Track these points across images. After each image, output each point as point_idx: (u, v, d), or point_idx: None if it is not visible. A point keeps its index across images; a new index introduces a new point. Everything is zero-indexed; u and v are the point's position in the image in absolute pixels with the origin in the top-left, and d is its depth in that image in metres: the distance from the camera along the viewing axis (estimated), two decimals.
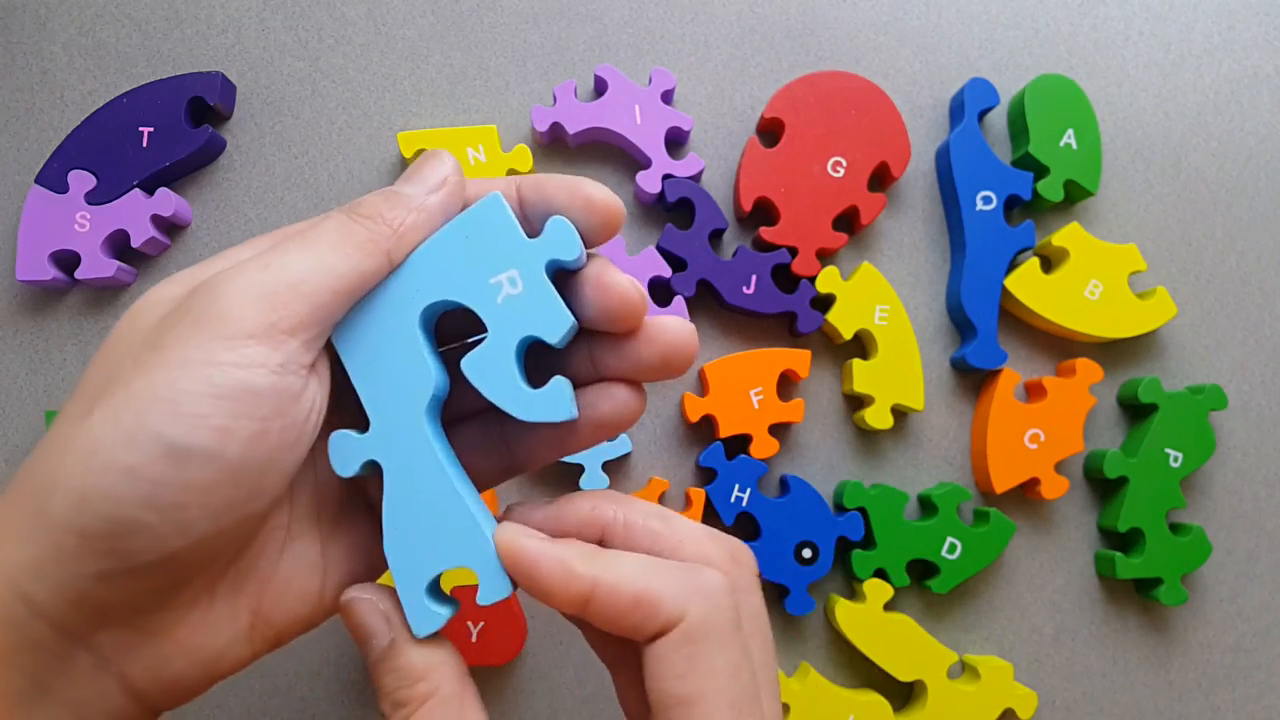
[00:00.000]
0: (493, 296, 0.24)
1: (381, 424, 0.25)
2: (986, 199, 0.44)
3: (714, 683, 0.22)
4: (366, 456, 0.25)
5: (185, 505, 0.21)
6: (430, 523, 0.24)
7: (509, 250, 0.24)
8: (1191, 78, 0.48)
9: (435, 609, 0.24)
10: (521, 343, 0.24)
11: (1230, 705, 0.46)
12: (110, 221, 0.42)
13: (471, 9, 0.46)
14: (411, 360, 0.25)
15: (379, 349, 0.25)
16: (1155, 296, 0.45)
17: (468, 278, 0.24)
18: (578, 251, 0.24)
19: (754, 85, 0.46)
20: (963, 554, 0.43)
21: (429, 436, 0.25)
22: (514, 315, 0.24)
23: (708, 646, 0.22)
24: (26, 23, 0.45)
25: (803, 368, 0.44)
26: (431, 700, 0.24)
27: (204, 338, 0.21)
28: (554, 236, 0.24)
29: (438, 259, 0.24)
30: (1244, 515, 0.47)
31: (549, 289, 0.24)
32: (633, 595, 0.23)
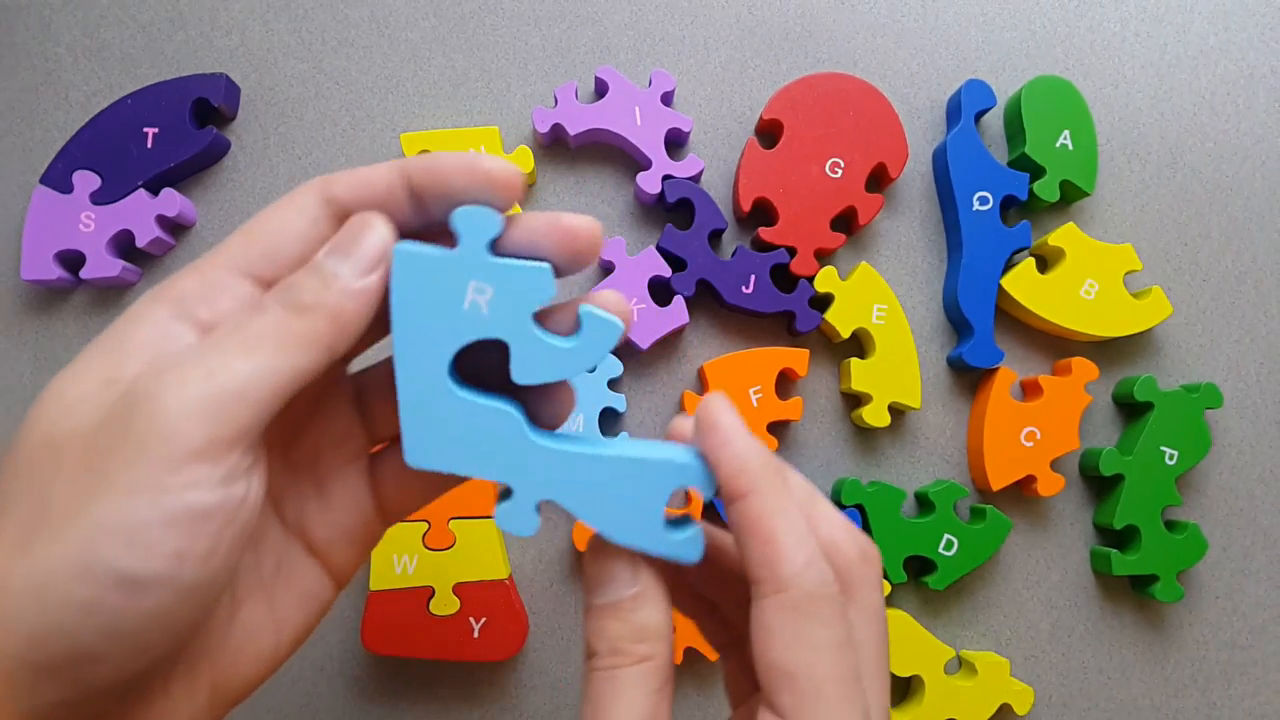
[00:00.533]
0: (479, 314, 0.24)
1: (516, 477, 0.25)
2: (983, 199, 0.45)
3: (819, 657, 0.22)
4: (533, 505, 0.25)
5: (144, 630, 0.20)
6: (619, 491, 0.25)
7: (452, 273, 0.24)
8: (1187, 79, 0.48)
9: (683, 535, 0.25)
10: (531, 319, 0.24)
11: (1226, 701, 0.46)
12: (115, 221, 0.43)
13: (473, 11, 0.46)
14: (484, 417, 0.25)
15: (455, 436, 0.25)
16: (1150, 296, 0.45)
17: (451, 323, 0.24)
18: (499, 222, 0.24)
19: (753, 87, 0.47)
20: (959, 551, 0.44)
21: (552, 450, 0.25)
22: (507, 308, 0.24)
23: (813, 621, 0.22)
24: (31, 24, 0.46)
25: (801, 366, 0.44)
26: (647, 664, 0.24)
27: (149, 462, 0.20)
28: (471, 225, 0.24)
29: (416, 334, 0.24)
30: (1239, 512, 0.47)
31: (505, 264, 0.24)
32: (769, 531, 0.23)
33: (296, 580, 0.26)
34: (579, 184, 0.46)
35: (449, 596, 0.42)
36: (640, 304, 0.43)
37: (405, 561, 0.42)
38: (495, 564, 0.43)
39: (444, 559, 0.42)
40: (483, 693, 0.44)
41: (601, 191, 0.46)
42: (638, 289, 0.43)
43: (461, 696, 0.44)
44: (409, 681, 0.44)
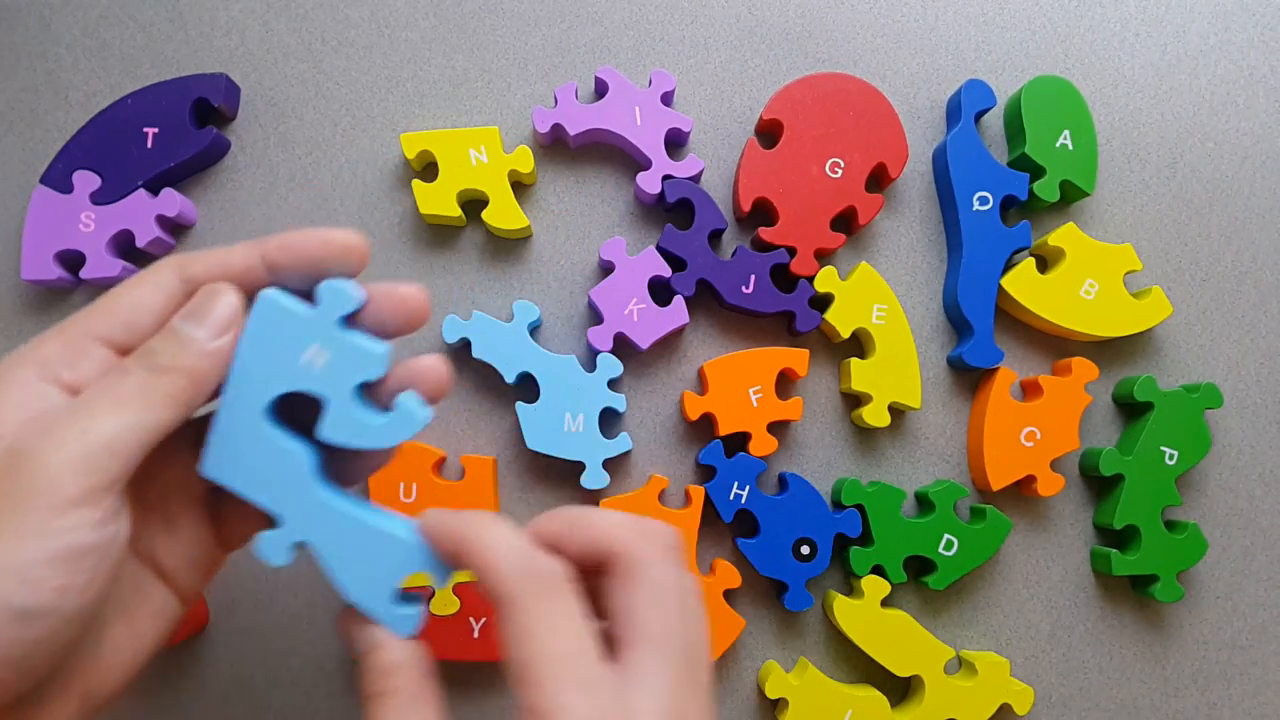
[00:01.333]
0: (310, 371, 0.27)
1: (287, 513, 0.28)
2: (983, 199, 0.45)
3: (535, 644, 0.25)
4: (292, 541, 0.28)
5: (31, 656, 0.23)
6: (365, 556, 0.29)
7: (301, 330, 0.27)
8: (1187, 79, 0.48)
9: (405, 611, 0.28)
10: (354, 390, 0.28)
11: (1226, 701, 0.46)
12: (115, 221, 0.43)
13: (473, 11, 0.46)
14: (279, 453, 0.28)
15: (249, 462, 0.28)
16: (1150, 296, 0.45)
17: (284, 369, 0.28)
18: (358, 299, 0.28)
19: (753, 87, 0.47)
20: (959, 551, 0.44)
21: (325, 500, 0.28)
22: (336, 375, 0.28)
23: (524, 610, 0.25)
24: (31, 24, 0.46)
25: (801, 366, 0.44)
26: (395, 695, 0.27)
27: (35, 509, 0.23)
28: (331, 298, 0.27)
29: (251, 369, 0.28)
30: (1239, 512, 0.47)
31: (349, 339, 0.27)
32: (477, 550, 0.27)
33: (149, 601, 0.29)
34: (579, 184, 0.46)
35: (449, 596, 0.42)
36: (640, 304, 0.43)
37: None
38: None
39: None
40: (483, 693, 0.44)
41: (601, 191, 0.46)
42: (638, 289, 0.43)
43: (462, 696, 0.44)
44: None
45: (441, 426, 0.45)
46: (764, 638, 0.45)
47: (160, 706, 0.43)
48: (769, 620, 0.45)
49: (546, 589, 0.26)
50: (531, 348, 0.43)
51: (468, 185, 0.44)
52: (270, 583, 0.44)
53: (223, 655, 0.44)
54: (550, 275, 0.46)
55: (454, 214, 0.44)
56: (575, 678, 0.25)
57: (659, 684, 0.26)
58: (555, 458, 0.44)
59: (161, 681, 0.43)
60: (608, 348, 0.43)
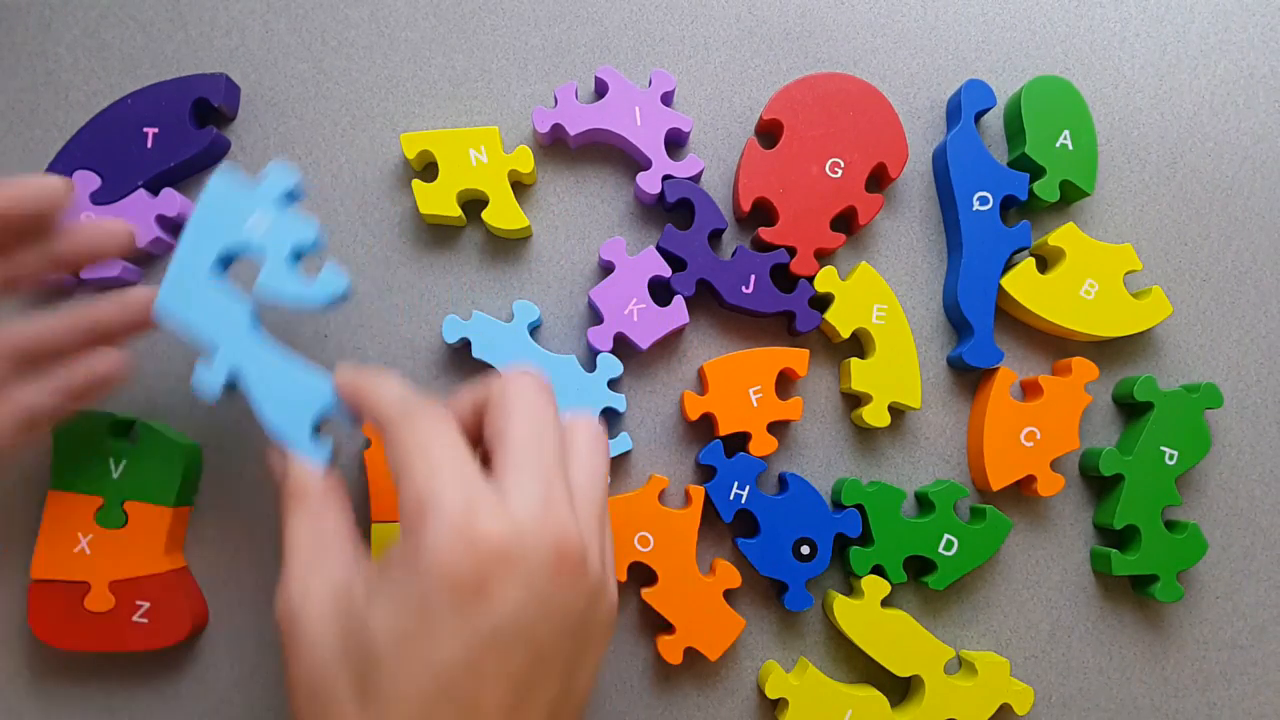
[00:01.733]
0: (253, 235, 0.35)
1: (224, 346, 0.35)
2: (983, 199, 0.45)
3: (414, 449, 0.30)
4: (225, 370, 0.35)
5: None
6: (287, 393, 0.35)
7: (247, 201, 0.35)
8: (1187, 79, 0.48)
9: (319, 445, 0.35)
10: (291, 253, 0.35)
11: (1226, 701, 0.46)
12: None
13: (473, 11, 0.46)
14: (223, 299, 0.35)
15: (197, 304, 0.35)
16: (1151, 296, 0.45)
17: (230, 231, 0.35)
18: (295, 179, 0.35)
19: (753, 87, 0.47)
20: (959, 551, 0.44)
21: (259, 342, 0.35)
22: (274, 239, 0.35)
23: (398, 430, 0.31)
24: (31, 24, 0.46)
25: (801, 366, 0.44)
26: (305, 501, 0.33)
27: None
28: (275, 176, 0.35)
29: (203, 230, 0.35)
30: (1239, 513, 0.47)
31: (286, 212, 0.35)
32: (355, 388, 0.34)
33: None
34: (579, 184, 0.46)
35: None
36: (640, 304, 0.43)
37: None
38: None
39: None
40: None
41: (601, 191, 0.46)
42: (638, 289, 0.43)
43: None
44: None
45: None
46: (764, 638, 0.45)
47: (160, 706, 0.43)
48: (769, 620, 0.45)
49: (424, 413, 0.31)
50: (532, 348, 0.43)
51: (468, 185, 0.44)
52: (270, 583, 0.44)
53: (223, 655, 0.44)
54: (550, 275, 0.46)
55: (454, 214, 0.44)
56: (450, 472, 0.29)
57: (530, 482, 0.29)
58: None
59: (162, 681, 0.43)
60: (608, 348, 0.43)
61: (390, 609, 0.29)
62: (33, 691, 0.43)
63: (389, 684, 0.28)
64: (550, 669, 0.29)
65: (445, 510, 0.28)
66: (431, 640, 0.28)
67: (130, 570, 0.41)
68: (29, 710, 0.43)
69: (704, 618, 0.43)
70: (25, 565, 0.43)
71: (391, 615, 0.28)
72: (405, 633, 0.28)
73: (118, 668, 0.43)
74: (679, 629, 0.43)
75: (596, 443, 0.34)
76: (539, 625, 0.28)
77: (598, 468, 0.33)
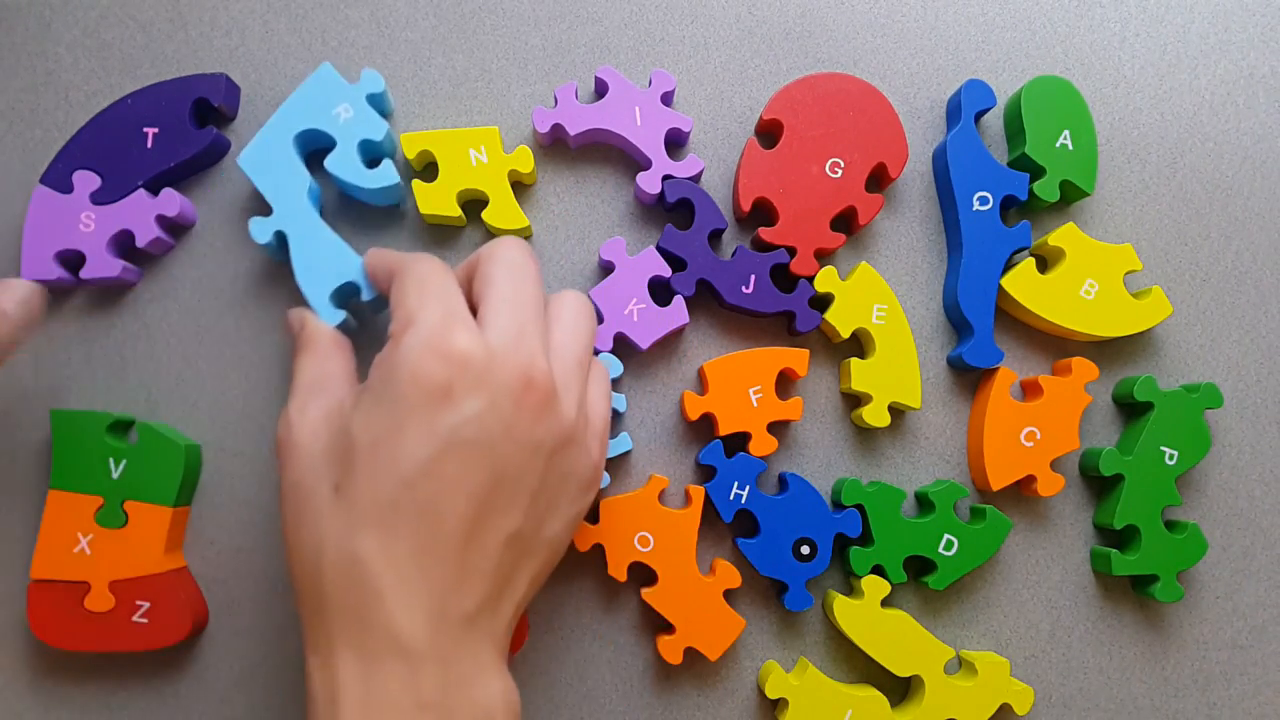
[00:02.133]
0: (336, 120, 0.41)
1: (280, 208, 0.41)
2: (983, 199, 0.45)
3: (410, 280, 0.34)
4: (275, 228, 0.41)
5: None
6: (321, 260, 0.41)
7: (341, 93, 0.42)
8: (1187, 79, 0.48)
9: (335, 311, 0.41)
10: (360, 144, 0.41)
11: (1226, 702, 0.46)
12: (115, 221, 0.43)
13: (473, 11, 0.46)
14: (294, 169, 0.41)
15: (273, 167, 0.41)
16: (1151, 296, 0.45)
17: (319, 114, 0.41)
18: (383, 86, 0.43)
19: (753, 87, 0.47)
20: (959, 551, 0.44)
21: (311, 211, 0.41)
22: (351, 128, 0.41)
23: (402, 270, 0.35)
24: (30, 23, 0.46)
25: (801, 366, 0.44)
26: (315, 345, 0.37)
27: None
28: (367, 80, 0.42)
29: (296, 109, 0.41)
30: (1239, 513, 0.47)
31: (368, 109, 0.42)
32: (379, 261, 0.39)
33: None
34: (579, 184, 0.46)
35: None
36: (640, 304, 0.43)
37: None
38: None
39: None
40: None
41: (601, 191, 0.46)
42: (638, 289, 0.43)
43: None
44: None
45: None
46: (764, 638, 0.45)
47: (160, 706, 0.43)
48: (769, 620, 0.45)
49: (428, 260, 0.35)
50: None
51: (468, 185, 0.44)
52: (270, 583, 0.44)
53: (223, 655, 0.44)
54: (550, 275, 0.46)
55: (454, 214, 0.44)
56: (436, 299, 0.33)
57: (506, 319, 0.32)
58: None
59: (162, 681, 0.43)
60: (608, 348, 0.43)
61: (368, 412, 0.32)
62: (33, 691, 0.43)
63: (362, 480, 0.31)
64: (512, 496, 0.32)
65: (424, 324, 0.32)
66: (400, 439, 0.31)
67: (130, 570, 0.41)
68: (29, 710, 0.43)
69: (704, 618, 0.43)
70: (25, 565, 0.43)
71: (369, 418, 0.32)
72: (378, 433, 0.31)
73: (118, 668, 0.43)
74: (679, 629, 0.43)
75: (580, 307, 0.36)
76: (501, 444, 0.31)
77: (581, 329, 0.36)
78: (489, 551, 0.32)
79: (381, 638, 0.30)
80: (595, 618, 0.45)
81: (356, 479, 0.31)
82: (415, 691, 0.30)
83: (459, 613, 0.31)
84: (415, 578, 0.30)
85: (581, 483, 0.35)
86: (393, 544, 0.30)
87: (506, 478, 0.32)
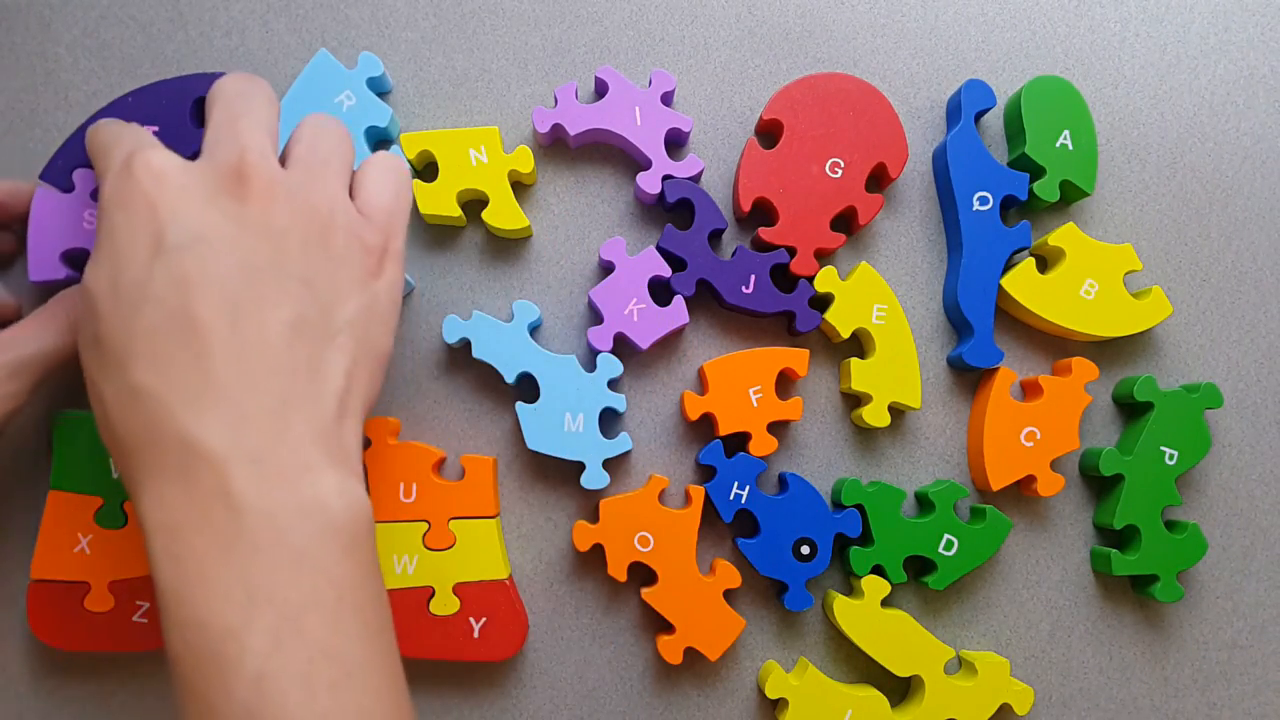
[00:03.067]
0: (339, 109, 0.43)
1: None
2: (983, 199, 0.45)
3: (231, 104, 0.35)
4: None
5: None
6: None
7: (340, 80, 0.43)
8: (1187, 79, 0.48)
9: None
10: (365, 130, 0.43)
11: (1226, 701, 0.46)
12: None
13: (473, 11, 0.46)
14: None
15: None
16: (1151, 296, 0.45)
17: (322, 101, 0.43)
18: (382, 69, 0.44)
19: (753, 87, 0.47)
20: (959, 551, 0.44)
21: None
22: (354, 114, 0.43)
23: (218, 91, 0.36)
24: (30, 23, 0.46)
25: (801, 366, 0.44)
26: None
27: None
28: (365, 65, 0.43)
29: (301, 97, 0.42)
30: (1239, 513, 0.47)
31: (370, 95, 0.43)
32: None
33: None
34: (579, 184, 0.46)
35: (449, 596, 0.42)
36: (640, 304, 0.43)
37: (405, 562, 0.42)
38: (495, 564, 0.43)
39: (444, 559, 0.42)
40: (483, 693, 0.44)
41: (601, 191, 0.46)
42: (638, 289, 0.43)
43: (461, 696, 0.44)
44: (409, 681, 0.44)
45: (441, 426, 0.45)
46: (764, 638, 0.45)
47: (160, 706, 0.43)
48: (769, 620, 0.45)
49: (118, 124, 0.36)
50: (531, 348, 0.43)
51: (468, 185, 0.44)
52: None
53: None
54: (550, 275, 0.46)
55: (454, 214, 0.44)
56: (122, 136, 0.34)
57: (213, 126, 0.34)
58: (555, 458, 0.44)
59: (161, 681, 0.43)
60: (608, 348, 0.43)
61: (95, 262, 0.32)
62: (33, 691, 0.43)
63: (113, 321, 0.31)
64: (274, 285, 0.31)
65: (115, 160, 0.33)
66: (129, 266, 0.31)
67: (130, 570, 0.41)
68: (29, 710, 0.43)
69: (704, 618, 0.43)
70: (25, 565, 0.43)
71: (96, 266, 0.32)
72: (111, 272, 0.31)
73: (118, 668, 0.43)
74: (679, 629, 0.43)
75: (389, 161, 0.37)
76: (235, 236, 0.31)
77: (326, 130, 0.36)
78: (271, 343, 0.31)
79: (178, 454, 0.29)
80: (595, 618, 0.45)
81: (107, 322, 0.31)
82: (225, 498, 0.29)
83: (260, 409, 0.30)
84: (198, 387, 0.29)
85: (363, 265, 0.34)
86: (164, 363, 0.30)
87: (258, 267, 0.31)
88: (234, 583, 0.28)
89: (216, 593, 0.28)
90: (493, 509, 0.43)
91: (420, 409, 0.45)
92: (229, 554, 0.28)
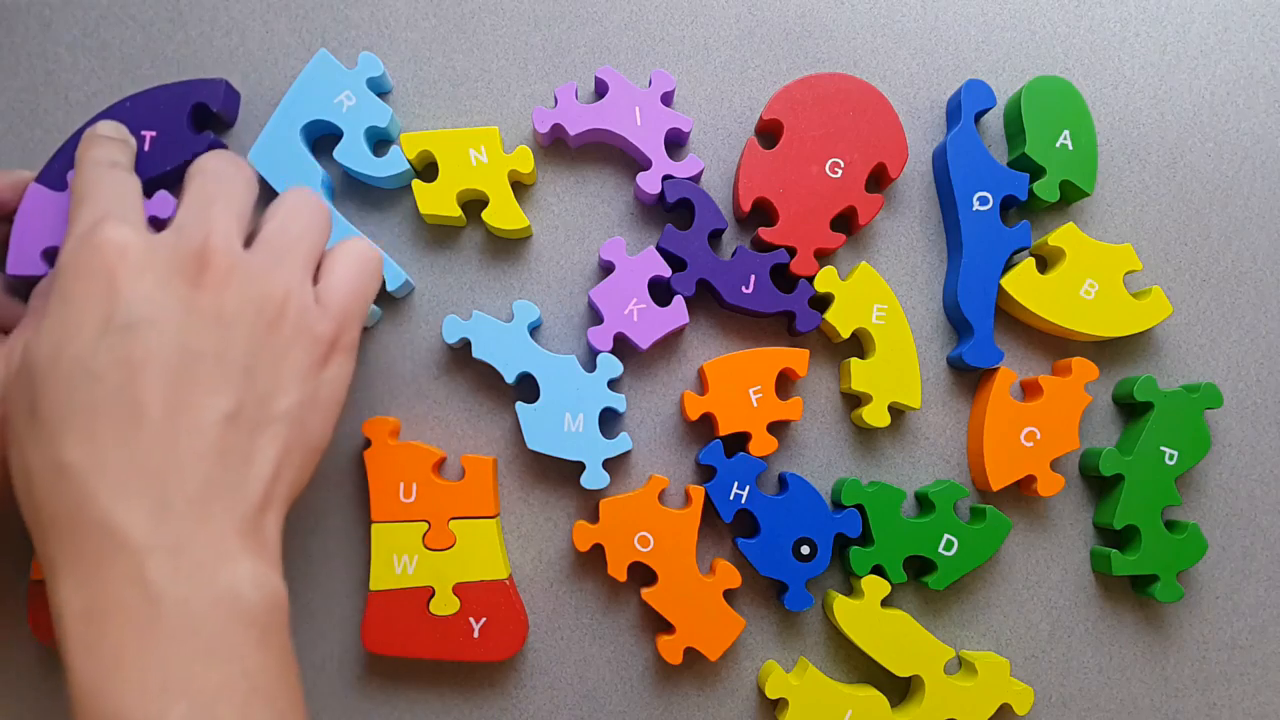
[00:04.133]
0: (339, 109, 0.42)
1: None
2: (983, 199, 0.45)
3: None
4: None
5: None
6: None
7: (339, 80, 0.42)
8: (1187, 79, 0.48)
9: None
10: (366, 131, 0.42)
11: (1226, 702, 0.46)
12: None
13: (473, 11, 0.46)
14: (305, 163, 0.42)
15: (285, 162, 0.42)
16: (1150, 296, 0.45)
17: (321, 103, 0.42)
18: (382, 69, 0.43)
19: (753, 87, 0.47)
20: (959, 551, 0.44)
21: (328, 204, 0.40)
22: (355, 116, 0.42)
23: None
24: (30, 23, 0.46)
25: (801, 366, 0.44)
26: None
27: None
28: (364, 65, 0.43)
29: (298, 100, 0.42)
30: (1239, 513, 0.47)
31: (370, 95, 0.42)
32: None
33: None
34: (579, 184, 0.46)
35: (449, 596, 0.42)
36: (640, 304, 0.43)
37: (405, 561, 0.42)
38: (495, 564, 0.43)
39: (444, 559, 0.42)
40: (483, 693, 0.44)
41: (601, 191, 0.46)
42: (638, 289, 0.43)
43: (461, 696, 0.44)
44: (409, 681, 0.44)
45: (441, 426, 0.45)
46: (764, 638, 0.45)
47: None
48: (769, 620, 0.45)
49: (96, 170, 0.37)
50: (531, 348, 0.43)
51: (468, 185, 0.44)
52: None
53: None
54: (550, 275, 0.46)
55: (454, 214, 0.44)
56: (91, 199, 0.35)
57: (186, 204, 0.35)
58: (555, 458, 0.44)
59: None
60: (608, 348, 0.43)
61: (41, 329, 0.32)
62: (34, 691, 0.43)
63: (50, 392, 0.30)
64: (216, 372, 0.31)
65: (79, 225, 0.33)
66: (76, 337, 0.31)
67: None
68: (30, 711, 0.43)
69: (704, 618, 0.43)
70: (25, 566, 0.43)
71: (42, 333, 0.31)
72: (56, 340, 0.31)
73: None
74: (679, 629, 0.43)
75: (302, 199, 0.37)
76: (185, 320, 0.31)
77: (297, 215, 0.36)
78: (204, 431, 0.30)
79: (98, 538, 0.29)
80: (595, 618, 0.45)
81: (45, 394, 0.30)
82: (142, 586, 0.28)
83: (184, 498, 0.30)
84: (125, 470, 0.29)
85: (310, 356, 0.34)
86: (95, 443, 0.29)
87: (203, 354, 0.31)
88: (149, 672, 0.28)
89: (132, 682, 0.28)
90: (493, 509, 0.43)
91: (420, 409, 0.45)
92: (144, 642, 0.28)
